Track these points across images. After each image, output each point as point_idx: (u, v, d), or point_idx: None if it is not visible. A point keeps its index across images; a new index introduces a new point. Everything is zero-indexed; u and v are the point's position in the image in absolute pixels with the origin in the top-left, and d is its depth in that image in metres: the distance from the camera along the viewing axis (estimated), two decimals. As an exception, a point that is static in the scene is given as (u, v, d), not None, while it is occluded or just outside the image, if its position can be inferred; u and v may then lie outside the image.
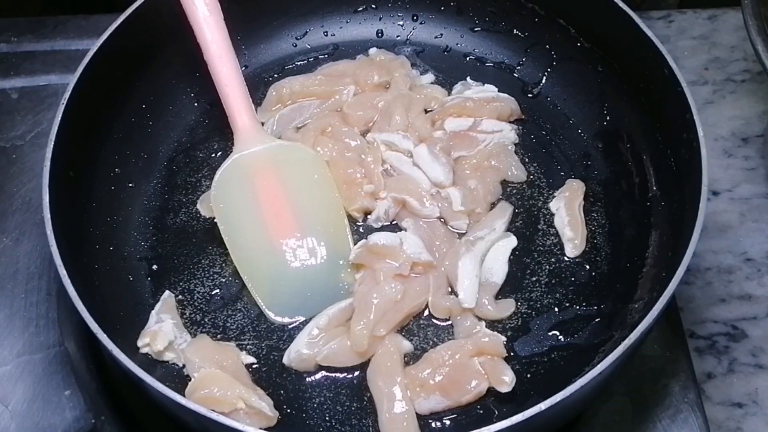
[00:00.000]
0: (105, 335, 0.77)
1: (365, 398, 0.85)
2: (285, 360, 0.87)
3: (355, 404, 0.85)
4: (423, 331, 0.89)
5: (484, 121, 1.01)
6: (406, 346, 0.88)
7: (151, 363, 0.86)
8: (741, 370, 0.98)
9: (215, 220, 0.94)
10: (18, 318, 0.95)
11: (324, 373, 0.87)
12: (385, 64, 1.07)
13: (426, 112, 1.03)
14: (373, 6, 1.13)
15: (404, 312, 0.88)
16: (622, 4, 0.96)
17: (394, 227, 0.96)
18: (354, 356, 0.86)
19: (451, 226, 0.95)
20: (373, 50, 1.10)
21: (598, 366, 0.73)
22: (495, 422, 0.71)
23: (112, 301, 0.88)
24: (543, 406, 0.71)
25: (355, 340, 0.85)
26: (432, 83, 1.07)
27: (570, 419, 0.85)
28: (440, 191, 0.96)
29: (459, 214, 0.94)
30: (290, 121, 1.04)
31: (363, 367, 0.86)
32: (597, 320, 0.89)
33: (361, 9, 1.13)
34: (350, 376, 0.86)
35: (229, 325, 0.90)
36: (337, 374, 0.87)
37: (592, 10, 1.00)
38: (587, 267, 0.93)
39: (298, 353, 0.86)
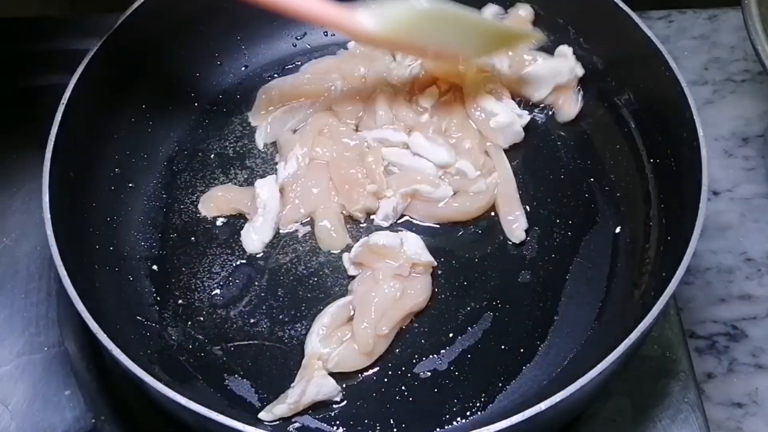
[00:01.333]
0: (105, 335, 0.76)
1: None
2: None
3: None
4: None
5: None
6: None
7: (151, 363, 0.86)
8: (741, 370, 0.98)
9: (217, 217, 0.96)
10: (18, 318, 0.95)
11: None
12: (367, 55, 1.07)
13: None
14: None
15: (405, 310, 0.88)
16: (622, 4, 0.96)
17: (393, 227, 0.96)
18: (362, 358, 0.86)
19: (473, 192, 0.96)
20: (352, 43, 1.10)
21: (598, 366, 0.73)
22: (496, 422, 0.71)
23: (112, 301, 0.88)
24: (543, 406, 0.71)
25: (360, 341, 0.85)
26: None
27: (570, 419, 0.86)
28: (447, 170, 0.97)
29: (479, 178, 0.96)
30: (284, 124, 1.03)
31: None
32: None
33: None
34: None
35: (229, 325, 0.90)
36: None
37: (592, 10, 1.00)
38: (588, 267, 0.93)
39: (313, 353, 0.86)
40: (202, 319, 0.91)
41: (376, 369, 0.87)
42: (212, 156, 1.03)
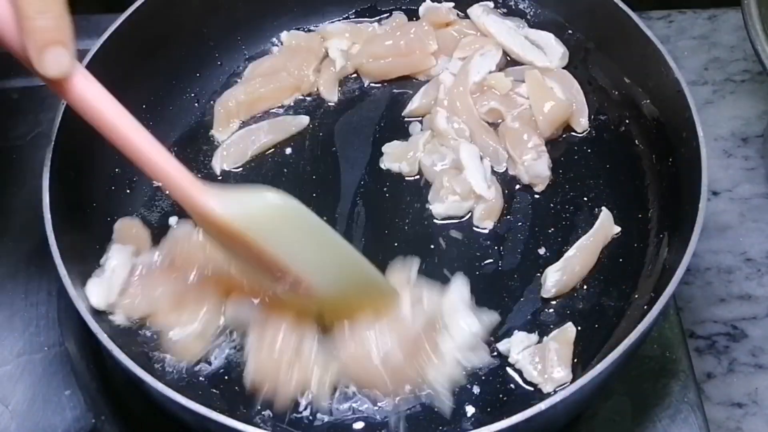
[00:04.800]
0: (105, 335, 0.77)
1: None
2: None
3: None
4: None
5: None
6: None
7: (150, 362, 0.86)
8: (741, 370, 0.98)
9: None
10: (18, 318, 0.95)
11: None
12: (308, 47, 1.06)
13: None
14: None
15: None
16: (622, 4, 0.96)
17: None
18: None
19: None
20: (284, 34, 1.09)
21: (598, 366, 0.73)
22: (495, 422, 0.71)
23: (112, 301, 0.88)
24: (543, 406, 0.71)
25: None
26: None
27: (570, 419, 0.86)
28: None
29: None
30: (246, 148, 1.00)
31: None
32: (597, 320, 0.90)
33: (361, 9, 1.13)
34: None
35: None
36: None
37: (592, 10, 1.00)
38: (587, 267, 0.93)
39: None
40: (202, 319, 0.91)
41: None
42: (212, 157, 1.03)
